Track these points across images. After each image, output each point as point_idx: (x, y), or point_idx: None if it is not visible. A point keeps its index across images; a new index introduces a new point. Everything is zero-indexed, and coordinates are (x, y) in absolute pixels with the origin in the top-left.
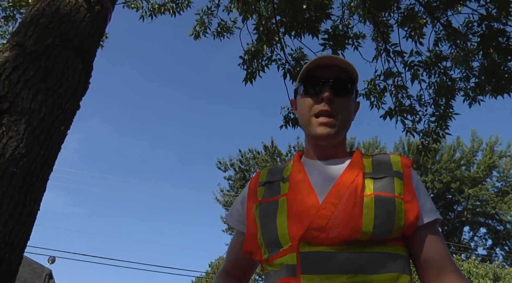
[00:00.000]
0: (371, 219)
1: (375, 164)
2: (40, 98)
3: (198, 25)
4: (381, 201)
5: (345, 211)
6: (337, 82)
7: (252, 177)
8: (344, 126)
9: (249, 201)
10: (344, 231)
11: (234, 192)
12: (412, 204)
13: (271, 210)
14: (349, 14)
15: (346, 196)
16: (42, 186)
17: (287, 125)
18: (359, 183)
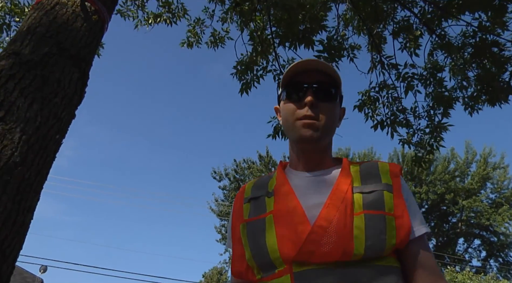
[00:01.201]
0: (361, 241)
1: (363, 175)
2: (35, 107)
3: (191, 36)
4: (371, 220)
5: (336, 234)
6: (320, 87)
7: (237, 193)
8: (328, 130)
9: (234, 220)
10: (335, 254)
11: (228, 202)
12: (403, 219)
13: (259, 229)
14: (344, 26)
15: (336, 217)
16: (36, 195)
17: (275, 136)
18: (349, 201)
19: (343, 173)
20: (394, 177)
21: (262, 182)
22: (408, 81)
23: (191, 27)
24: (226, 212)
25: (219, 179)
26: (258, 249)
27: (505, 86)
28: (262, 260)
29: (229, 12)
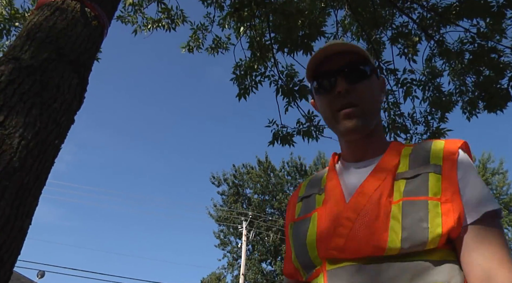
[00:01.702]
0: (397, 232)
1: (412, 158)
2: (35, 112)
3: (192, 40)
4: (409, 207)
5: (366, 226)
6: (349, 69)
7: (293, 192)
8: (372, 112)
9: (286, 220)
10: (366, 249)
11: (227, 207)
12: (453, 203)
13: (303, 229)
14: (343, 32)
15: (367, 207)
16: (35, 200)
17: (274, 142)
18: (385, 189)
19: (385, 159)
20: (449, 155)
21: (317, 178)
22: (407, 87)
23: (193, 31)
24: (224, 217)
25: (218, 184)
26: (300, 248)
27: (503, 92)
28: (303, 259)
29: (228, 18)
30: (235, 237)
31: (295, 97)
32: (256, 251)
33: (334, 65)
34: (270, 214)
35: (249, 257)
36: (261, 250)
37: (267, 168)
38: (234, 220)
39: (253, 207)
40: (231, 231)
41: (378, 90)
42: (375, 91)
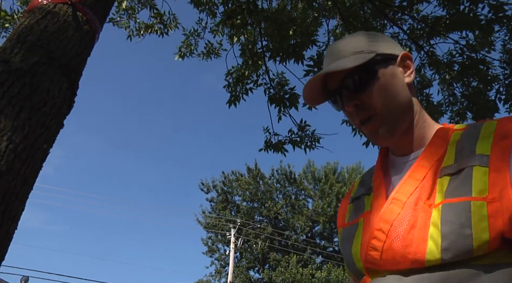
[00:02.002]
0: (437, 241)
1: (459, 147)
2: (23, 116)
3: (184, 46)
4: (449, 211)
5: (400, 238)
6: (348, 84)
7: (347, 192)
8: (394, 110)
9: (338, 224)
10: (403, 263)
11: (216, 214)
12: (502, 201)
13: (350, 235)
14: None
15: (401, 216)
16: (21, 205)
17: (267, 149)
18: (424, 190)
19: (426, 152)
20: (501, 139)
21: (368, 175)
22: None
23: (185, 37)
24: (213, 224)
25: (207, 191)
26: (348, 257)
27: (491, 104)
28: (352, 269)
29: (220, 25)
30: (223, 244)
31: (285, 105)
32: (244, 259)
33: (334, 84)
34: (259, 221)
35: (237, 264)
36: (249, 257)
37: (256, 175)
38: (222, 227)
39: (241, 214)
40: (219, 238)
41: (396, 79)
42: (391, 83)
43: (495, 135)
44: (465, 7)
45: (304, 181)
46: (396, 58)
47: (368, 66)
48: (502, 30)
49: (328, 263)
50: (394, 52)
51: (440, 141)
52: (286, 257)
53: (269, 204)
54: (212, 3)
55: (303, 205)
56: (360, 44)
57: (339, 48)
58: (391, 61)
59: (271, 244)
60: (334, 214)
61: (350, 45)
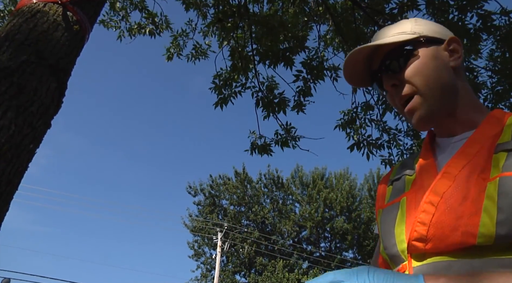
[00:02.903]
0: (492, 214)
1: None
2: (10, 115)
3: (173, 47)
4: (508, 184)
5: (451, 210)
6: (388, 63)
7: (384, 175)
8: (434, 90)
9: (376, 205)
10: (453, 237)
11: (202, 217)
12: None
13: (391, 216)
14: (324, 46)
15: (452, 188)
16: (5, 205)
17: (253, 152)
18: (478, 164)
19: (480, 129)
20: None
21: (410, 159)
22: (388, 103)
23: (173, 38)
24: (199, 227)
25: (194, 194)
26: (388, 239)
27: None
28: (391, 251)
29: (211, 27)
30: (210, 248)
31: (274, 110)
32: (231, 263)
33: (375, 65)
34: (246, 225)
35: (223, 268)
36: (235, 262)
37: (244, 179)
38: (209, 231)
39: (228, 218)
40: (205, 241)
41: (438, 61)
42: (432, 64)
43: None
44: (454, 15)
45: (292, 185)
46: (442, 42)
47: (408, 45)
48: (490, 39)
49: (315, 268)
50: (440, 36)
51: (496, 120)
52: (272, 261)
53: (256, 208)
54: (203, 5)
55: (290, 210)
56: (405, 27)
57: (384, 31)
58: (435, 43)
59: (258, 248)
60: (321, 219)
61: (395, 28)
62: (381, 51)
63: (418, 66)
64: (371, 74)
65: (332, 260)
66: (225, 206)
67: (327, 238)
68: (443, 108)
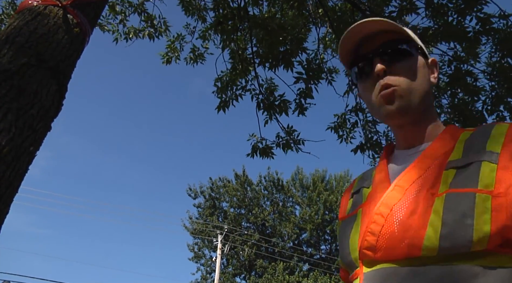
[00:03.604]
0: (436, 228)
1: (468, 145)
2: (10, 118)
3: (170, 51)
4: (453, 200)
5: (399, 222)
6: (386, 48)
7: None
8: (416, 92)
9: (339, 217)
10: (400, 248)
11: (202, 220)
12: (507, 197)
13: (349, 227)
14: (324, 49)
15: (402, 201)
16: (6, 208)
17: (253, 154)
18: (428, 180)
19: (434, 145)
20: (511, 141)
21: (369, 172)
22: None
23: (170, 42)
24: (200, 229)
25: (194, 197)
26: (344, 248)
27: (478, 115)
28: (346, 260)
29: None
30: (210, 250)
31: (275, 112)
32: (231, 265)
33: (371, 46)
34: (246, 228)
35: (223, 271)
36: (236, 264)
37: (244, 181)
38: (209, 233)
39: (229, 221)
40: (206, 243)
41: (424, 72)
42: (420, 71)
43: (507, 136)
44: (453, 18)
45: (292, 188)
46: (427, 59)
47: (414, 44)
48: (489, 42)
49: (315, 270)
50: (427, 53)
51: (449, 136)
52: (272, 264)
53: (257, 211)
54: (203, 8)
55: (291, 212)
56: (405, 29)
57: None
58: (426, 58)
59: (258, 251)
60: (321, 221)
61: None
62: (379, 37)
63: (412, 67)
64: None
65: (332, 262)
66: (225, 208)
67: (328, 240)
68: (417, 111)
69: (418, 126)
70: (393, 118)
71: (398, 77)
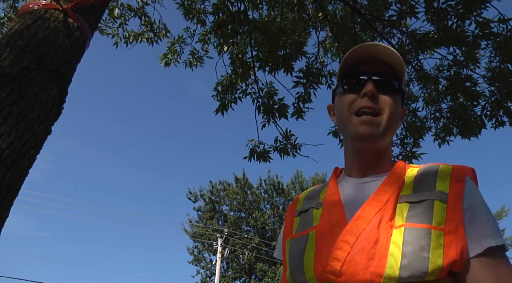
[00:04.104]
0: (397, 259)
1: (417, 181)
2: (11, 121)
3: (170, 54)
4: (411, 234)
5: (364, 251)
6: (382, 79)
7: (291, 204)
8: (391, 126)
9: (284, 235)
10: (363, 275)
11: (202, 223)
12: (456, 235)
13: (300, 247)
14: (324, 52)
15: (366, 231)
16: (6, 211)
17: (251, 158)
18: (387, 212)
19: (389, 179)
20: (456, 183)
21: (315, 192)
22: None
23: (170, 44)
24: (199, 233)
25: (194, 200)
26: (296, 267)
27: (477, 119)
28: (298, 278)
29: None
30: (209, 253)
31: (274, 116)
32: (231, 269)
33: (370, 69)
34: (246, 231)
35: (223, 274)
36: (236, 267)
37: (244, 185)
38: (209, 237)
39: (229, 224)
40: (205, 247)
41: (399, 114)
42: (398, 112)
43: (451, 178)
44: (453, 22)
45: (292, 191)
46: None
47: (402, 88)
48: (488, 47)
49: None
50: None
51: (400, 171)
52: (272, 267)
53: (257, 214)
54: (203, 12)
55: None
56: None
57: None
58: (402, 103)
59: (258, 254)
60: None
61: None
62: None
63: (395, 104)
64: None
65: None
66: (225, 211)
67: None
68: (383, 144)
69: (377, 158)
70: (365, 141)
71: (383, 107)
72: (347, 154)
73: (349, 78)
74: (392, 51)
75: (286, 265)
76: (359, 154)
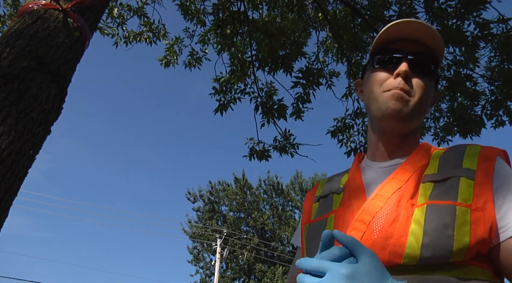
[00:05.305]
0: (418, 237)
1: (443, 160)
2: (10, 121)
3: (169, 54)
4: (434, 211)
5: (382, 229)
6: (418, 59)
7: (309, 190)
8: (421, 110)
9: (302, 221)
10: (381, 255)
11: (202, 224)
12: (484, 212)
13: (318, 231)
14: (324, 53)
15: (384, 210)
16: (5, 212)
17: (251, 157)
18: (407, 190)
19: (411, 158)
20: (485, 161)
21: (336, 178)
22: None
23: (169, 45)
24: (199, 233)
25: (194, 200)
26: (312, 253)
27: (477, 119)
28: None
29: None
30: (209, 254)
31: (273, 116)
32: (230, 269)
33: (405, 48)
34: (245, 231)
35: (222, 274)
36: (235, 268)
37: (243, 185)
38: (208, 237)
39: (228, 224)
40: (205, 247)
41: (431, 98)
42: (430, 95)
43: (480, 156)
44: (452, 23)
45: (292, 192)
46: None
47: (437, 70)
48: (488, 47)
49: None
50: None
51: (424, 152)
52: (272, 268)
53: (256, 215)
54: (202, 12)
55: (290, 216)
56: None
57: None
58: (437, 86)
59: (257, 254)
60: None
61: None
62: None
63: (429, 87)
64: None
65: None
66: (224, 212)
67: None
68: (411, 127)
69: (402, 141)
70: (392, 118)
71: (415, 89)
72: (371, 137)
73: (383, 55)
74: (434, 32)
75: (303, 251)
76: (385, 136)
